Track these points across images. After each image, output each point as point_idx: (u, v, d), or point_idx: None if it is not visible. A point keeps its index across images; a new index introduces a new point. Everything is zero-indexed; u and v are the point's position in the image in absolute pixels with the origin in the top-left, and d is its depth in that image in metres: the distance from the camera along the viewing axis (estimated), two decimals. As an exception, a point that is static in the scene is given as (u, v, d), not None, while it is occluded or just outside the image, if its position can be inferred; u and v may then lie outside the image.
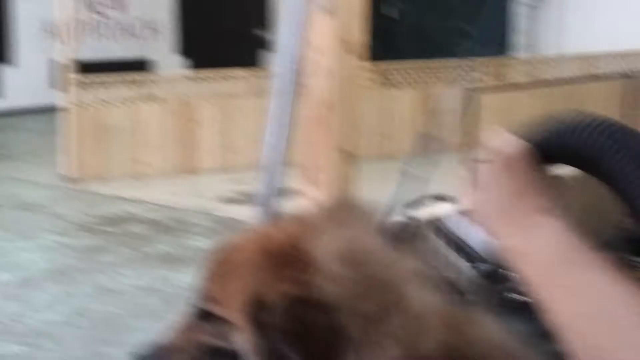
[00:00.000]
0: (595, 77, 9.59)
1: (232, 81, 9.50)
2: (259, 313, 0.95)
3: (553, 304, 0.80)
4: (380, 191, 2.93)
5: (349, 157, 4.50)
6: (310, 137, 4.70)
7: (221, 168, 9.25)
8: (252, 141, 8.16)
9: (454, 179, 1.07)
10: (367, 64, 9.61)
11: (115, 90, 8.97)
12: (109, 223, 6.97)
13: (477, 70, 9.92)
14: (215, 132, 9.32)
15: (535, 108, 8.57)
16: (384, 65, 9.86)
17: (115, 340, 4.20)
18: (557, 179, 0.97)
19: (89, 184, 8.59)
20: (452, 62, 9.85)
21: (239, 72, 9.53)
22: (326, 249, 0.97)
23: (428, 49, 11.36)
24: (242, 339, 0.98)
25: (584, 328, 0.75)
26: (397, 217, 1.11)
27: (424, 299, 0.95)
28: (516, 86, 9.55)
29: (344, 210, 1.05)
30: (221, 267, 1.04)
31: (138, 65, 11.30)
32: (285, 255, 0.98)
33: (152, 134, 9.09)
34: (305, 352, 0.91)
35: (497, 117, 8.42)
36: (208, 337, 1.04)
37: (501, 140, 0.94)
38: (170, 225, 6.86)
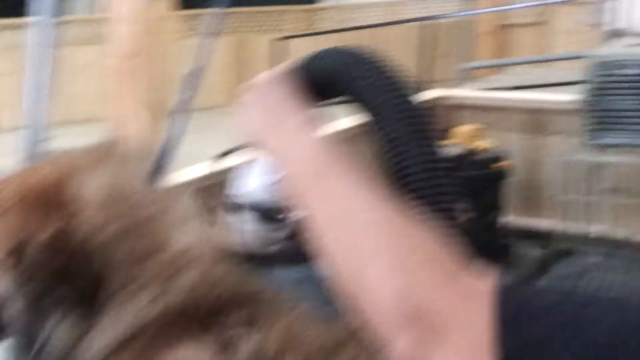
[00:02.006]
0: (396, 22, 9.99)
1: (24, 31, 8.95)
2: (13, 257, 0.90)
3: (309, 213, 0.84)
4: (197, 143, 2.84)
5: (159, 110, 4.32)
6: (117, 89, 4.48)
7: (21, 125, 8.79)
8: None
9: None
10: (174, 12, 9.35)
11: None
12: None
13: (287, 18, 9.95)
14: (12, 86, 8.81)
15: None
16: (192, 12, 9.62)
17: None
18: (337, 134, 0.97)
19: None
20: (262, 9, 9.82)
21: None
22: (85, 190, 0.93)
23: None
24: (2, 285, 0.93)
25: (330, 232, 0.80)
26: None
27: (179, 241, 0.93)
28: (323, 32, 9.77)
29: (106, 151, 1.01)
30: None
31: None
32: (42, 197, 0.93)
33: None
34: (66, 297, 0.88)
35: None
36: None
37: (261, 77, 0.97)
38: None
